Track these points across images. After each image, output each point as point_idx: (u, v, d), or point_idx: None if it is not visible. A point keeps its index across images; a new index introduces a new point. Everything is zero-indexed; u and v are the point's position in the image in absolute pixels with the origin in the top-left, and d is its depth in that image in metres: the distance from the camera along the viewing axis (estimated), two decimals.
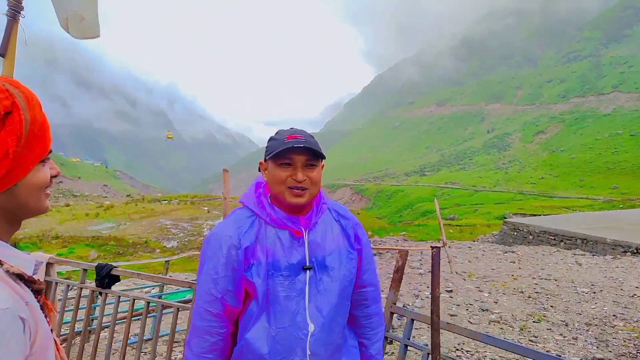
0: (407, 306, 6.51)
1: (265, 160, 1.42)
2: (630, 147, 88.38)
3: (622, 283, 8.32)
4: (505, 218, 24.67)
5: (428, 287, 7.79)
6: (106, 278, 3.45)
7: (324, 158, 1.43)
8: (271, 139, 1.41)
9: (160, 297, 6.05)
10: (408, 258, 10.98)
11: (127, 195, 57.96)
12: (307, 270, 1.36)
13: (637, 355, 4.90)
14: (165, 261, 6.09)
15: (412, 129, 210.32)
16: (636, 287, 7.97)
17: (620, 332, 5.63)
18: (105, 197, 54.71)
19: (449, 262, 9.26)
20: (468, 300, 6.98)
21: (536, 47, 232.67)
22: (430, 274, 9.01)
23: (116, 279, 3.51)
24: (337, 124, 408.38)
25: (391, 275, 2.89)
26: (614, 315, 6.28)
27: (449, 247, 12.28)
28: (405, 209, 71.24)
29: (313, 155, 1.37)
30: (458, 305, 6.69)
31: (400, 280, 2.73)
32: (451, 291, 7.54)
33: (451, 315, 6.17)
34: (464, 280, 8.55)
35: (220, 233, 1.35)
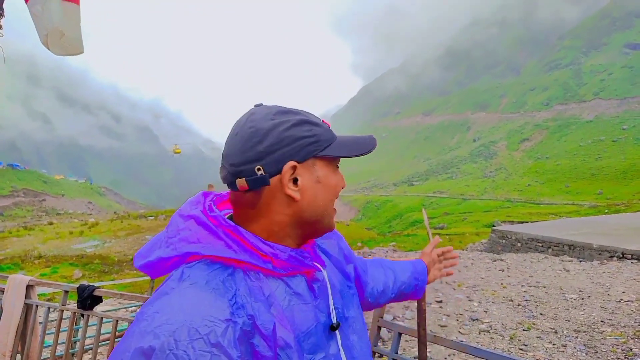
0: (398, 318, 6.48)
1: (303, 159, 0.79)
2: (613, 153, 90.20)
3: (609, 288, 8.40)
4: (494, 226, 24.87)
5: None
6: (88, 299, 3.40)
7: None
8: (303, 122, 0.81)
9: None
10: None
11: (113, 212, 57.34)
12: (337, 332, 0.83)
13: None
14: (150, 279, 5.96)
15: (399, 139, 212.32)
16: (623, 292, 8.05)
17: (608, 337, 5.67)
18: (90, 214, 54.06)
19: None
20: (458, 310, 6.98)
21: (519, 56, 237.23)
22: None
23: (98, 299, 3.45)
24: None
25: None
26: (601, 321, 6.33)
27: None
28: (395, 219, 71.56)
29: None
30: (448, 316, 6.68)
31: None
32: (441, 301, 7.53)
33: (441, 326, 6.16)
34: (454, 290, 8.55)
35: (196, 321, 0.63)
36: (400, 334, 2.55)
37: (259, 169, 0.75)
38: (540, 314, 6.82)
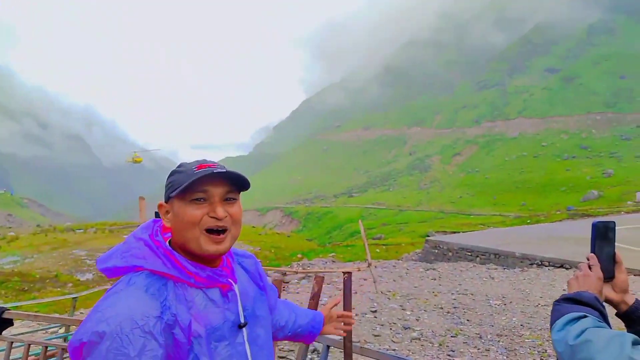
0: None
1: (167, 199, 1.10)
2: (534, 168, 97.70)
3: (529, 294, 9.01)
4: (428, 236, 25.88)
5: (354, 308, 7.89)
6: None
7: (249, 187, 1.18)
8: (174, 172, 1.11)
9: (65, 339, 5.51)
10: (336, 280, 11.09)
11: (37, 225, 53.03)
12: (243, 328, 1.13)
13: None
14: (73, 298, 5.57)
15: (340, 152, 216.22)
16: (540, 297, 8.67)
17: (526, 340, 6.07)
18: (10, 227, 49.50)
19: (374, 282, 9.48)
20: (392, 320, 7.16)
21: (452, 76, 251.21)
22: (356, 294, 9.11)
23: (9, 322, 3.20)
24: (267, 147, 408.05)
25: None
26: (521, 325, 6.77)
27: (375, 267, 12.59)
28: (335, 230, 72.44)
29: (235, 185, 1.13)
30: (382, 325, 6.83)
31: (316, 307, 2.74)
32: (376, 311, 7.70)
33: (375, 336, 6.29)
34: (389, 299, 8.78)
35: (137, 315, 0.94)
36: (328, 347, 2.58)
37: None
38: (467, 320, 7.16)
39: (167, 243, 1.10)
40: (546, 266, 12.58)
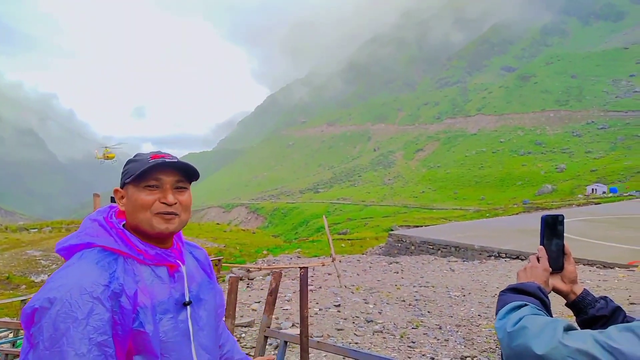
0: (296, 325, 6.54)
1: (122, 185, 1.22)
2: (493, 163, 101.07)
3: (486, 285, 9.33)
4: (392, 230, 26.33)
5: (317, 303, 7.92)
6: None
7: (198, 178, 1.29)
8: (130, 161, 1.24)
9: (14, 344, 5.23)
10: (300, 274, 11.11)
11: None
12: (187, 307, 1.22)
13: (496, 350, 5.49)
14: (21, 301, 5.31)
15: (305, 147, 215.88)
16: (497, 288, 8.98)
17: (483, 330, 6.28)
18: None
19: (338, 276, 9.54)
20: (355, 313, 7.23)
21: (414, 73, 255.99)
22: (320, 289, 9.15)
23: None
24: (231, 142, 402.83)
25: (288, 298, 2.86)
26: (479, 315, 6.99)
27: (339, 261, 12.69)
28: (301, 225, 72.48)
29: (185, 175, 1.24)
30: (345, 319, 6.89)
31: (274, 303, 2.73)
32: (339, 305, 7.75)
33: (338, 330, 6.34)
34: (352, 293, 8.87)
35: (86, 283, 1.04)
36: (286, 342, 2.58)
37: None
38: (428, 312, 7.34)
39: (122, 226, 1.21)
40: (503, 258, 13.07)
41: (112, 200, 1.30)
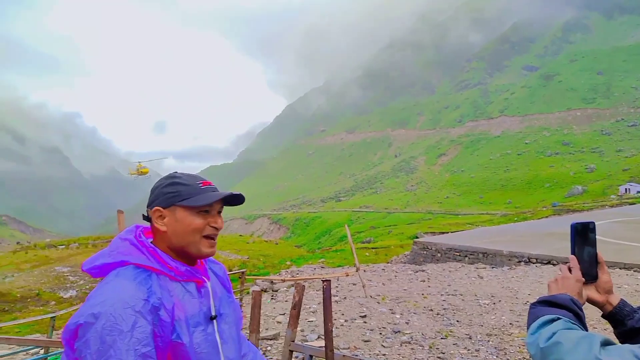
0: (322, 337, 6.44)
1: (167, 206, 1.28)
2: (519, 165, 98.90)
3: (517, 292, 9.02)
4: (417, 238, 25.94)
5: (343, 314, 7.81)
6: None
7: (237, 205, 1.41)
8: (176, 183, 1.31)
9: None
10: (323, 287, 10.99)
11: (17, 243, 51.74)
12: (214, 320, 1.31)
13: None
14: (51, 318, 5.38)
15: (325, 156, 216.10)
16: (529, 295, 8.68)
17: (516, 339, 6.05)
18: None
19: (363, 286, 9.39)
20: (381, 324, 7.08)
21: (433, 77, 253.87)
22: (345, 300, 9.03)
23: None
24: (251, 153, 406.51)
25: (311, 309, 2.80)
26: (510, 324, 6.75)
27: (364, 271, 12.53)
28: (324, 235, 72.26)
29: (227, 202, 1.36)
30: (372, 330, 6.75)
31: (298, 317, 2.67)
32: (365, 316, 7.61)
33: (365, 341, 6.21)
34: (378, 303, 8.71)
35: (127, 297, 1.12)
36: (311, 356, 2.53)
37: (147, 211, 1.31)
38: (457, 321, 7.12)
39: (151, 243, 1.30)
40: (534, 263, 12.65)
41: (145, 217, 1.34)
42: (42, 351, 6.26)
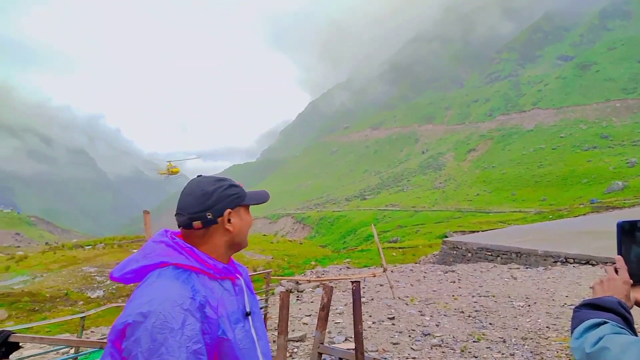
0: (349, 339, 6.32)
1: (234, 207, 1.37)
2: (553, 161, 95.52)
3: (554, 293, 8.66)
4: (446, 237, 25.43)
5: (371, 315, 7.67)
6: (2, 346, 3.06)
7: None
8: (233, 185, 1.40)
9: None
10: (350, 286, 10.87)
11: (45, 243, 53.50)
12: (249, 317, 1.36)
13: None
14: (81, 318, 5.46)
15: (349, 153, 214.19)
16: (566, 297, 8.32)
17: (553, 343, 5.77)
18: (18, 246, 49.82)
19: (390, 287, 9.22)
20: (410, 326, 6.92)
21: (460, 70, 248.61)
22: (372, 301, 8.87)
23: (15, 346, 3.11)
24: (274, 152, 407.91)
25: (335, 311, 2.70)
26: (547, 327, 6.46)
27: (391, 271, 12.33)
28: (349, 234, 71.74)
29: None
30: (400, 332, 6.60)
31: (327, 318, 2.60)
32: (393, 318, 7.46)
33: (394, 344, 6.06)
34: (407, 305, 8.53)
35: (174, 296, 1.14)
36: (340, 359, 2.48)
37: (209, 215, 1.31)
38: (490, 323, 6.88)
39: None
40: (571, 263, 12.15)
41: (184, 223, 1.33)
42: (72, 351, 6.39)
